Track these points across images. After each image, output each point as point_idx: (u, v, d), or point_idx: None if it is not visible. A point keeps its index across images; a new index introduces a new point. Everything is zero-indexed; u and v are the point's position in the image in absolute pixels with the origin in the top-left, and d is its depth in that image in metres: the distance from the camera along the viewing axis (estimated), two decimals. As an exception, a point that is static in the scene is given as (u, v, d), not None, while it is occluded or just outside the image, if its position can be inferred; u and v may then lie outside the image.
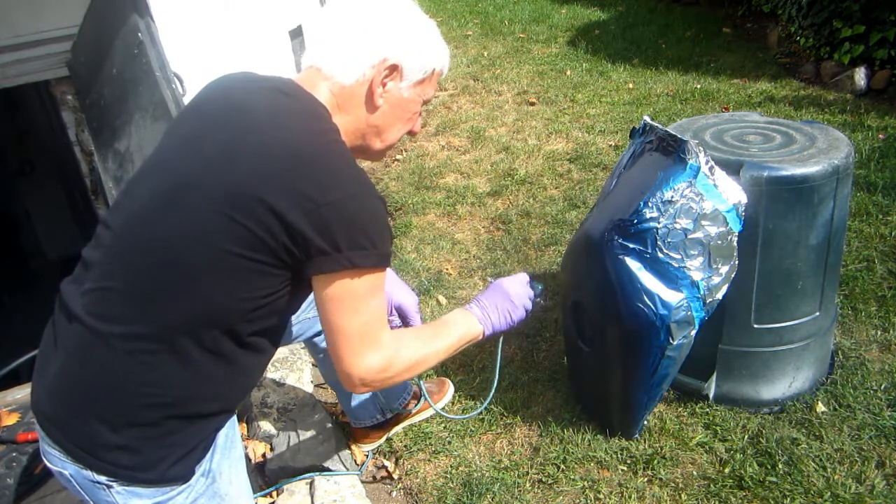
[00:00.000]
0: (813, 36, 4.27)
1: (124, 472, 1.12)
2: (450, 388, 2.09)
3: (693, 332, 1.72)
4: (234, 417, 1.32)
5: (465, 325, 1.35)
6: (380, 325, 1.16)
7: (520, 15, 6.22)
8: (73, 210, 4.92)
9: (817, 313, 1.89)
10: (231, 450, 1.30)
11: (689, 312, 1.69)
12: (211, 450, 1.23)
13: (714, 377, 1.95)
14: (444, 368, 2.24)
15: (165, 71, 2.24)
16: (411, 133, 1.33)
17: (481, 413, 2.02)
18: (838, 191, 1.75)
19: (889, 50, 3.87)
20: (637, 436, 1.90)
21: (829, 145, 1.81)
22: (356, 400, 1.90)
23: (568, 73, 4.72)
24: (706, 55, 4.81)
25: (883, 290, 2.34)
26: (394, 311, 1.53)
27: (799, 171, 1.69)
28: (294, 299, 1.17)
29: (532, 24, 5.95)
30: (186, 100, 2.25)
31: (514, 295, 1.42)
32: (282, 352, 2.27)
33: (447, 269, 2.79)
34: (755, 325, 1.86)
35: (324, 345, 1.77)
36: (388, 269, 1.42)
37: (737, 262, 1.71)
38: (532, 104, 4.26)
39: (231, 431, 1.30)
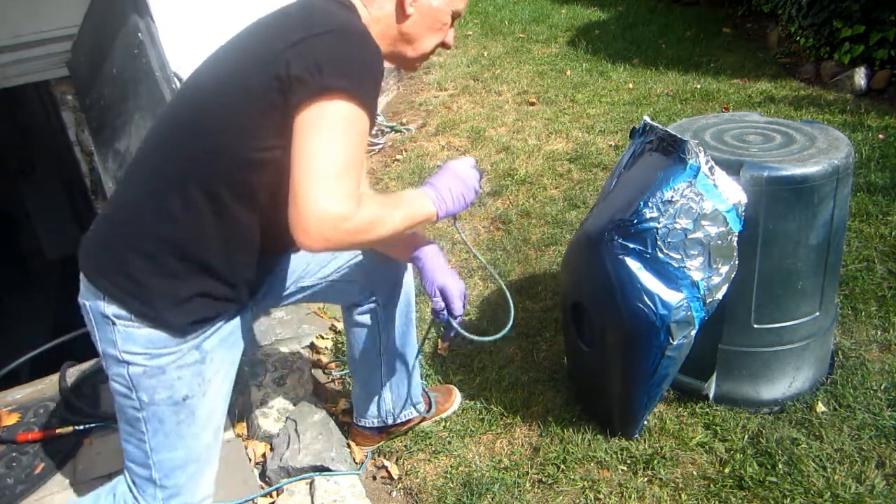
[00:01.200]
0: (813, 36, 4.27)
1: (129, 301, 1.25)
2: (457, 398, 2.09)
3: (693, 332, 1.72)
4: (239, 325, 1.41)
5: (421, 203, 1.34)
6: (350, 174, 1.14)
7: (520, 15, 6.22)
8: (73, 210, 4.92)
9: (817, 313, 1.89)
10: (230, 348, 1.39)
11: (689, 312, 1.69)
12: (211, 331, 1.33)
13: (714, 377, 1.95)
14: (444, 368, 2.24)
15: (165, 71, 2.24)
16: (444, 46, 1.40)
17: (507, 333, 1.71)
18: (838, 191, 1.75)
19: (889, 50, 3.87)
20: (637, 436, 1.90)
21: (829, 145, 1.81)
22: (366, 394, 1.89)
23: (568, 73, 4.72)
24: (706, 55, 4.81)
25: (883, 290, 2.34)
26: (437, 293, 1.54)
27: (799, 171, 1.70)
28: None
29: (532, 24, 5.95)
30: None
31: (465, 177, 1.43)
32: (282, 352, 2.27)
33: (447, 269, 2.79)
34: (755, 325, 1.86)
35: (359, 317, 1.78)
36: (439, 256, 1.54)
37: (737, 262, 1.71)
38: (532, 104, 4.26)
39: (236, 335, 1.41)
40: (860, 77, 3.95)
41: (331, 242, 1.14)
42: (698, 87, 4.25)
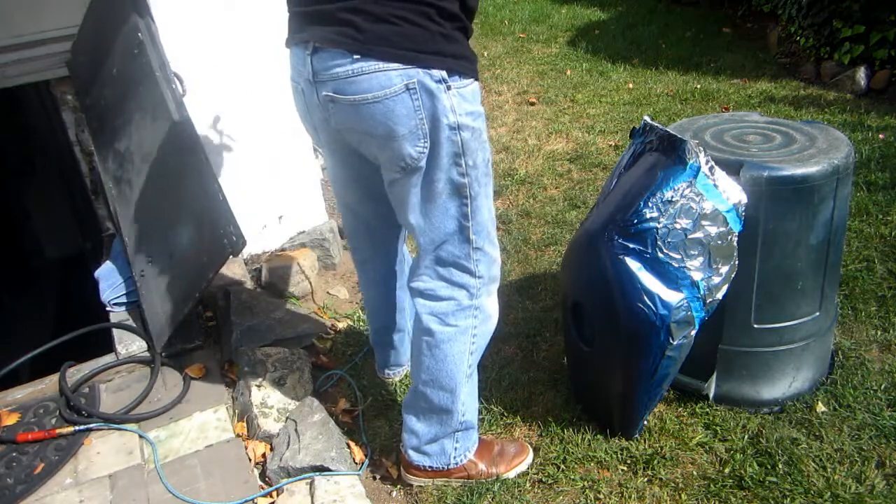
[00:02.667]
0: (813, 36, 4.27)
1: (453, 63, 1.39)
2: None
3: (693, 332, 1.72)
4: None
5: None
6: None
7: (520, 15, 6.22)
8: (73, 210, 4.92)
9: (817, 313, 1.89)
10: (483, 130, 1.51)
11: (689, 312, 1.69)
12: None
13: (714, 377, 1.95)
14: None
15: (165, 71, 2.24)
16: None
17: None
18: (838, 191, 1.75)
19: (889, 50, 3.87)
20: (637, 436, 1.90)
21: (829, 145, 1.81)
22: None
23: (568, 73, 4.72)
24: (706, 55, 4.81)
25: (883, 290, 2.34)
26: None
27: (799, 171, 1.70)
28: None
29: (532, 24, 5.95)
30: (187, 100, 2.25)
31: None
32: (282, 352, 2.27)
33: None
34: (755, 325, 1.86)
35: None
36: None
37: (737, 262, 1.71)
38: (532, 104, 4.26)
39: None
40: (860, 77, 3.95)
41: None
42: (698, 87, 4.25)
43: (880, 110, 3.69)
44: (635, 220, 1.69)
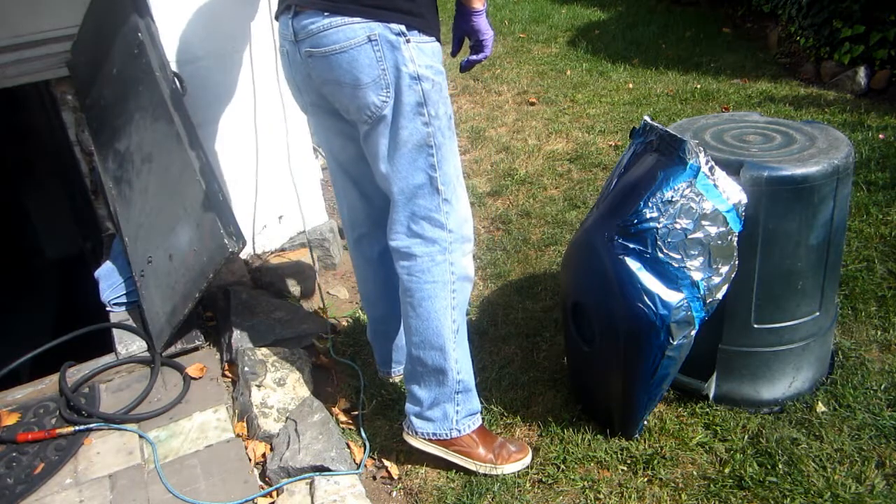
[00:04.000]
0: (813, 36, 4.27)
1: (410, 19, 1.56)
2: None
3: (693, 332, 1.72)
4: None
5: None
6: None
7: (520, 15, 6.22)
8: (73, 210, 4.92)
9: (817, 313, 1.89)
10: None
11: (689, 312, 1.69)
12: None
13: (714, 377, 1.95)
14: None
15: (165, 71, 2.24)
16: None
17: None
18: (838, 191, 1.75)
19: (889, 50, 3.87)
20: (637, 436, 1.90)
21: (829, 145, 1.81)
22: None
23: (568, 73, 4.72)
24: (706, 55, 4.81)
25: (883, 290, 2.34)
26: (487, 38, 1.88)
27: (799, 171, 1.70)
28: None
29: (532, 24, 5.95)
30: (187, 100, 2.25)
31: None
32: (282, 352, 2.27)
33: (447, 269, 2.78)
34: (755, 325, 1.86)
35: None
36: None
37: (737, 262, 1.71)
38: (532, 104, 4.26)
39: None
40: (860, 77, 3.95)
41: None
42: (698, 87, 4.25)
43: (880, 110, 3.69)
44: (635, 220, 1.69)
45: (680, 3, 6.07)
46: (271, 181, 2.76)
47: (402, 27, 1.54)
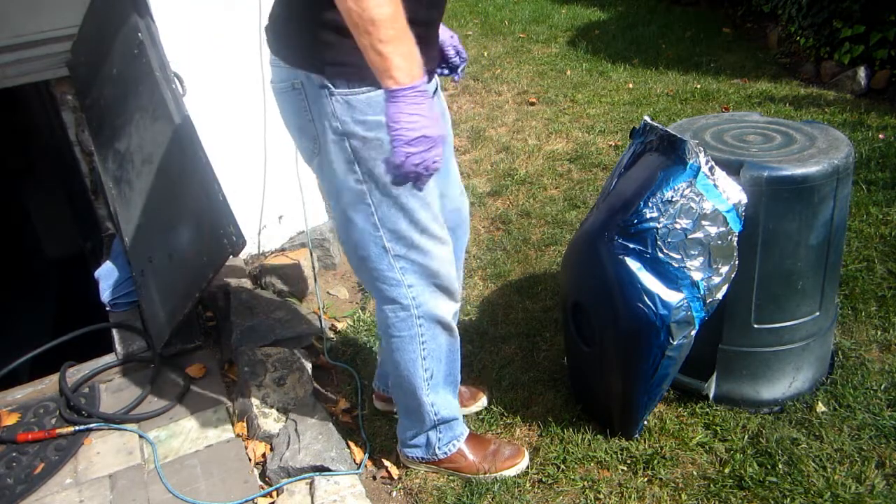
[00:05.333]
0: (813, 36, 4.27)
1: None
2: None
3: (693, 332, 1.72)
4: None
5: (398, 64, 1.21)
6: None
7: (520, 15, 6.22)
8: (73, 210, 4.92)
9: (817, 313, 1.89)
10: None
11: (689, 312, 1.69)
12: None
13: (714, 377, 1.95)
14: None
15: (165, 71, 2.24)
16: None
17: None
18: (838, 191, 1.75)
19: (889, 50, 3.87)
20: (637, 436, 1.90)
21: (829, 145, 1.81)
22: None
23: (568, 73, 4.72)
24: (706, 55, 4.81)
25: (883, 290, 2.34)
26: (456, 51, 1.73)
27: (799, 171, 1.70)
28: None
29: (532, 24, 5.94)
30: (187, 100, 2.25)
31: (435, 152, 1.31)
32: (282, 352, 2.27)
33: (447, 269, 2.78)
34: (755, 325, 1.86)
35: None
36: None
37: (737, 262, 1.71)
38: (532, 104, 4.26)
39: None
40: (860, 77, 3.95)
41: None
42: (698, 87, 4.25)
43: (880, 110, 3.69)
44: (635, 220, 1.69)
45: (680, 3, 6.07)
46: (271, 181, 2.76)
47: (323, 78, 1.39)
